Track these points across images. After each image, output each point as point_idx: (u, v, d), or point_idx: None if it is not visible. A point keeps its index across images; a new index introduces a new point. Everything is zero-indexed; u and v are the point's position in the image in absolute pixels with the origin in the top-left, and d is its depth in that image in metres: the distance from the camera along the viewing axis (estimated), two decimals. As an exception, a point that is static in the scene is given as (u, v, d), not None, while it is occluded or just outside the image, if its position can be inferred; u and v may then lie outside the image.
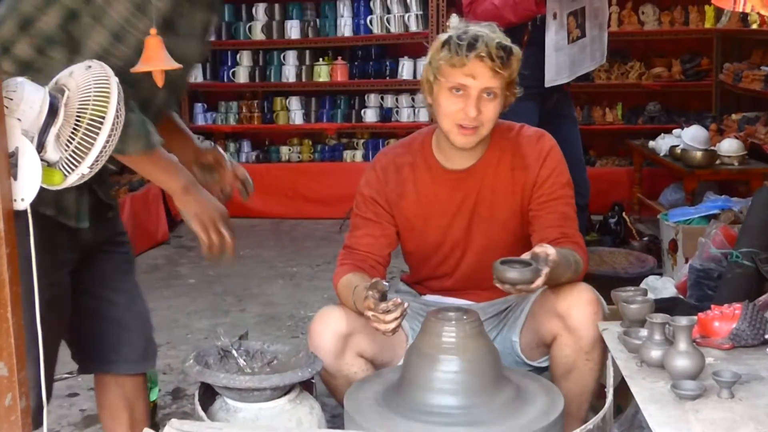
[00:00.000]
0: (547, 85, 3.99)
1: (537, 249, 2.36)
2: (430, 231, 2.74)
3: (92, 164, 1.91)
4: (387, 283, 2.39)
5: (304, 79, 7.09)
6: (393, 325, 2.33)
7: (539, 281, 2.29)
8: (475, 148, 2.65)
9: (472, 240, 2.73)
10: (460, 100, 2.53)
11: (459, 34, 2.53)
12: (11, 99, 1.82)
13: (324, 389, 2.70)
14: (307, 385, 2.56)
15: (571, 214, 2.69)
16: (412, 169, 2.74)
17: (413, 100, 6.95)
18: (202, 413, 2.38)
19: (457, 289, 2.83)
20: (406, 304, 2.35)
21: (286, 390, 2.44)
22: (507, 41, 2.56)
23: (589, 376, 2.53)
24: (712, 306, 2.33)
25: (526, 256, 2.36)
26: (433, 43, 2.61)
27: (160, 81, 1.98)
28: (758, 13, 5.22)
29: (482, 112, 2.53)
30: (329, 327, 2.55)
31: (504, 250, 2.72)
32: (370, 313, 2.34)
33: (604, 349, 2.41)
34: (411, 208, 2.73)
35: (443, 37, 2.57)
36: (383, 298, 2.34)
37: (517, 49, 2.57)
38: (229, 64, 7.19)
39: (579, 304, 2.48)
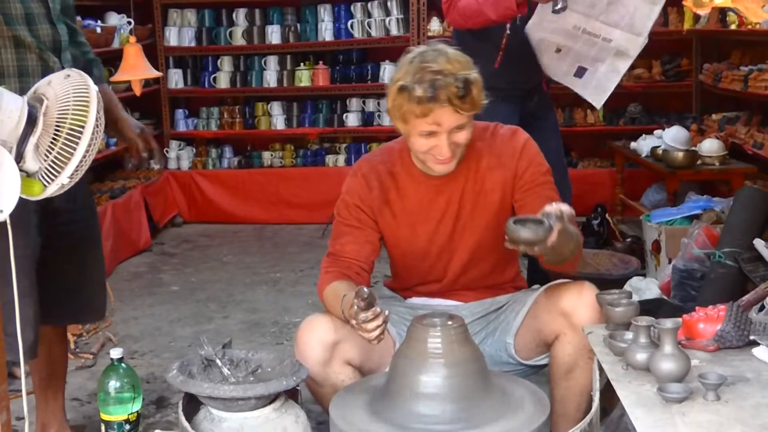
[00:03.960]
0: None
1: (548, 208, 2.30)
2: (416, 239, 2.74)
3: (72, 174, 1.90)
4: (368, 290, 2.36)
5: (285, 84, 7.06)
6: (376, 334, 2.31)
7: (552, 237, 2.24)
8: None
9: (458, 244, 2.73)
10: (432, 140, 2.50)
11: (416, 80, 2.42)
12: (-12, 109, 1.80)
13: (309, 397, 2.69)
14: (292, 394, 2.55)
15: (557, 198, 2.65)
16: (394, 177, 2.73)
17: (395, 103, 6.93)
18: (186, 423, 2.37)
19: (446, 293, 2.83)
20: (386, 312, 2.34)
21: (271, 399, 2.43)
22: (464, 68, 2.48)
23: (590, 375, 2.52)
24: (697, 308, 2.34)
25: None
26: (391, 79, 2.53)
27: (138, 89, 1.98)
28: (736, 13, 5.25)
29: (455, 142, 2.52)
30: (316, 335, 2.54)
31: (490, 250, 2.73)
32: (353, 322, 2.33)
33: None
34: (396, 216, 2.72)
35: (400, 81, 2.47)
36: (370, 305, 2.32)
37: (477, 79, 2.50)
38: (210, 69, 7.16)
39: (584, 302, 2.50)
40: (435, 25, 6.77)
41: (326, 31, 6.93)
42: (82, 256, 2.90)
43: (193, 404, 2.50)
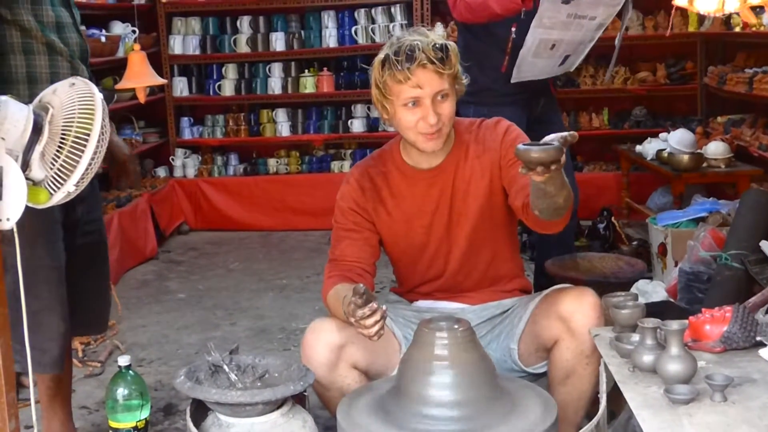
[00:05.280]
0: (513, 80, 3.91)
1: (547, 137, 2.26)
2: (413, 234, 2.75)
3: (78, 182, 1.91)
4: (364, 287, 2.36)
5: (290, 91, 7.07)
6: (375, 329, 2.31)
7: (563, 157, 2.20)
8: (442, 146, 2.68)
9: (455, 234, 2.74)
10: (417, 110, 2.56)
11: (394, 49, 2.55)
12: (-5, 118, 1.81)
13: (317, 402, 2.69)
14: (299, 398, 2.55)
15: None
16: (385, 177, 2.76)
17: (400, 109, 6.93)
18: (194, 429, 2.37)
19: (449, 290, 2.83)
20: (384, 308, 2.34)
21: (278, 404, 2.43)
22: (441, 39, 2.58)
23: (588, 381, 2.53)
24: (703, 309, 2.34)
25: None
26: (373, 64, 2.62)
27: (142, 97, 1.98)
28: (739, 15, 5.25)
29: (440, 113, 2.57)
30: (322, 339, 2.54)
31: (488, 237, 2.74)
32: (351, 320, 2.34)
33: None
34: (391, 215, 2.74)
35: (380, 56, 2.59)
36: (368, 301, 2.32)
37: (452, 45, 2.59)
38: (215, 77, 7.18)
39: (582, 308, 2.49)
40: (439, 30, 6.76)
41: (330, 38, 6.94)
42: (94, 268, 2.93)
43: (200, 410, 2.50)
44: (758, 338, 2.23)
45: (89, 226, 2.85)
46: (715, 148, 5.41)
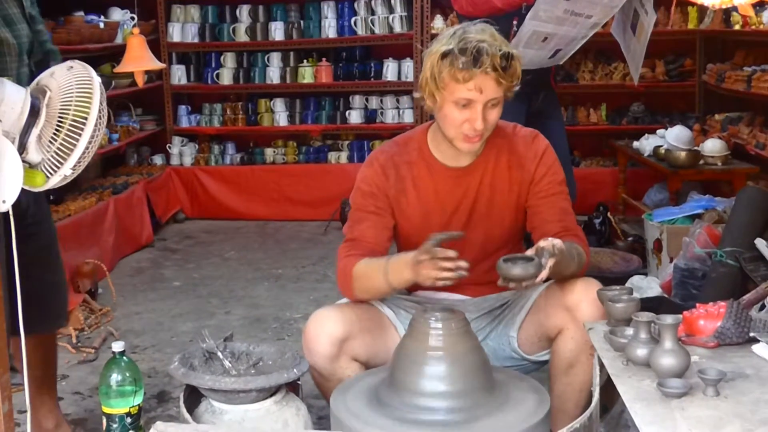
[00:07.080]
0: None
1: (542, 243, 2.37)
2: (429, 229, 2.71)
3: (75, 165, 1.91)
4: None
5: (288, 81, 7.06)
6: (449, 273, 2.36)
7: (543, 274, 2.32)
8: None
9: (471, 237, 2.72)
10: (466, 112, 2.50)
11: (460, 46, 2.45)
12: (-8, 100, 1.81)
13: (310, 391, 2.70)
14: (293, 387, 2.55)
15: (569, 209, 2.72)
16: (410, 168, 2.72)
17: (398, 101, 6.95)
18: (187, 416, 2.38)
19: (452, 286, 2.83)
20: (465, 264, 2.37)
21: (272, 391, 2.44)
22: (507, 45, 2.51)
23: (590, 372, 2.52)
24: (698, 304, 2.34)
25: (530, 252, 2.37)
26: (430, 50, 2.54)
27: (141, 81, 1.98)
28: (740, 13, 5.25)
29: (488, 119, 2.53)
30: (325, 330, 2.53)
31: (501, 246, 2.73)
32: (426, 256, 2.36)
33: None
34: (410, 206, 2.72)
35: (442, 48, 2.49)
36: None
37: (516, 53, 2.52)
38: (213, 65, 7.16)
39: (589, 299, 2.50)
40: (438, 23, 6.76)
41: (329, 28, 6.93)
42: (53, 257, 2.88)
43: (194, 397, 2.51)
44: (751, 334, 2.24)
45: (39, 215, 2.78)
46: (712, 146, 5.42)
